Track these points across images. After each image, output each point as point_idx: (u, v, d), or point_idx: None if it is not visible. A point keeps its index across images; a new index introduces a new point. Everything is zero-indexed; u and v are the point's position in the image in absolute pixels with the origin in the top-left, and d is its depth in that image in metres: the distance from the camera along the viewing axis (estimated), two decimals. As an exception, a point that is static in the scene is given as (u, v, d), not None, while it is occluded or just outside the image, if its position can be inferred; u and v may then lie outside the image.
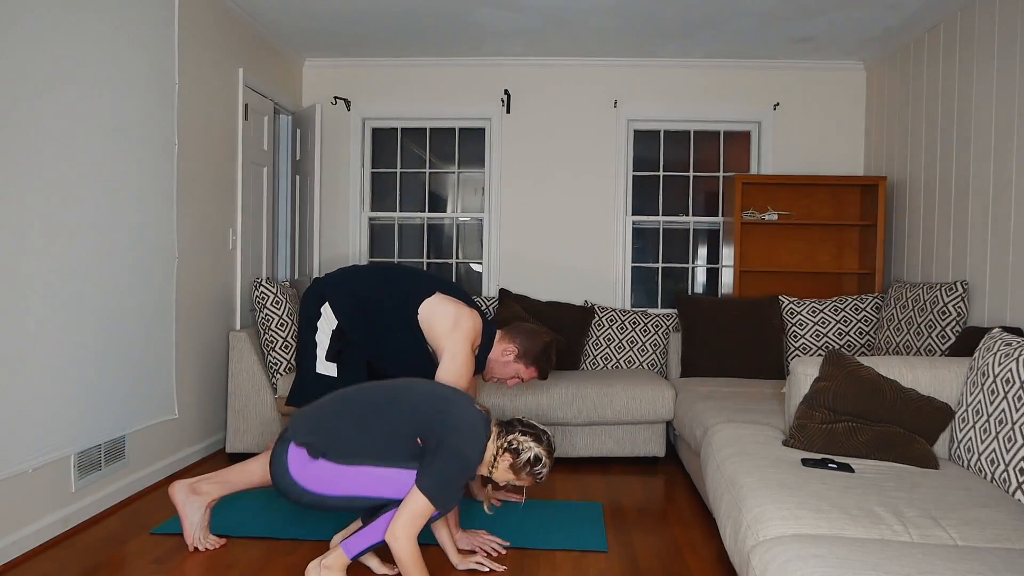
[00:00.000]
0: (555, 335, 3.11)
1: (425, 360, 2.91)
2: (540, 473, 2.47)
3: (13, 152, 2.60)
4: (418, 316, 2.87)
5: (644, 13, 4.30)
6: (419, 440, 2.38)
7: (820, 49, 4.89)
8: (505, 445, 2.45)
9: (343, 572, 2.42)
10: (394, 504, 2.39)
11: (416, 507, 2.30)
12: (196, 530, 2.76)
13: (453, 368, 2.78)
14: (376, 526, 2.40)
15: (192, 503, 2.75)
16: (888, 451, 2.51)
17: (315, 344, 2.88)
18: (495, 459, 2.45)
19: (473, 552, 2.74)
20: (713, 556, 2.79)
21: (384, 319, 2.90)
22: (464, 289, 3.16)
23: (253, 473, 2.74)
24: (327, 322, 2.88)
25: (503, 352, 2.99)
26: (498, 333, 3.03)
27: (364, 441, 2.39)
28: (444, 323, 2.83)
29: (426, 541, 2.84)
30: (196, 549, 2.75)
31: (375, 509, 2.46)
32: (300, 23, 4.55)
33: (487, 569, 2.63)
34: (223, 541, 2.81)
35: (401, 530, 2.30)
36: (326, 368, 2.88)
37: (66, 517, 2.93)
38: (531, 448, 2.45)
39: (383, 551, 2.76)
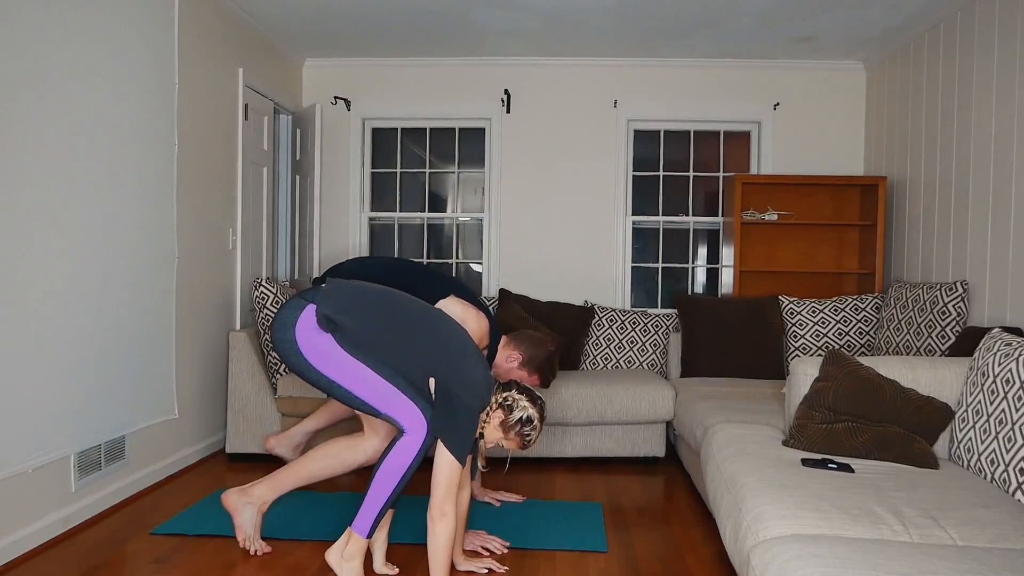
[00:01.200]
0: (560, 341, 3.11)
1: None
2: (529, 436, 2.47)
3: (13, 152, 2.60)
4: None
5: (644, 13, 4.30)
6: (431, 380, 2.42)
7: (820, 49, 4.89)
8: (500, 400, 2.46)
9: (362, 556, 2.46)
10: (381, 417, 2.45)
11: (448, 471, 2.33)
12: (248, 529, 2.74)
13: None
14: (375, 493, 2.42)
15: (244, 507, 2.74)
16: (888, 451, 2.51)
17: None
18: (488, 414, 2.46)
19: (477, 553, 2.74)
20: (713, 556, 2.79)
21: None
22: (471, 290, 3.17)
23: (303, 469, 2.72)
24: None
25: (507, 358, 3.02)
26: (503, 339, 3.04)
27: (380, 343, 2.42)
28: None
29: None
30: (250, 552, 2.72)
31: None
32: (300, 23, 4.55)
33: (485, 571, 2.62)
34: (269, 548, 2.77)
35: (447, 503, 2.33)
36: None
37: (66, 517, 2.94)
38: (525, 408, 2.46)
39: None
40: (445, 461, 2.33)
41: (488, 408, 2.45)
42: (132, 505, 3.28)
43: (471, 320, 2.87)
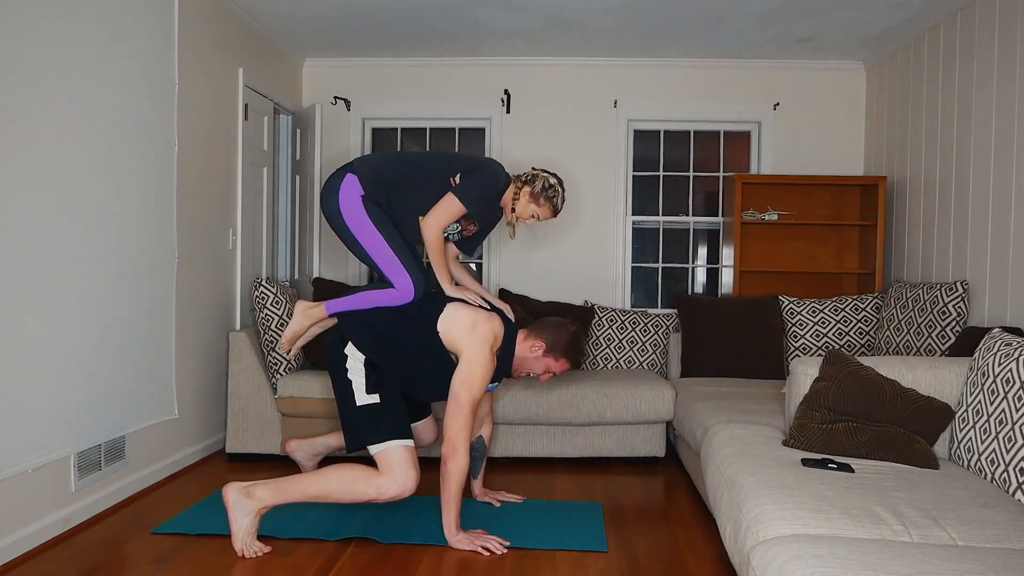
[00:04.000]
0: (577, 323, 3.13)
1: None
2: (555, 198, 3.02)
3: (13, 152, 2.60)
4: (439, 332, 2.88)
5: (644, 13, 4.30)
6: (456, 177, 2.95)
7: (820, 49, 4.89)
8: (523, 179, 3.03)
9: (315, 321, 3.07)
10: (383, 281, 2.98)
11: (449, 204, 2.91)
12: (244, 535, 2.72)
13: (468, 370, 2.80)
14: (354, 300, 2.94)
15: (242, 507, 2.73)
16: (888, 451, 2.51)
17: (349, 383, 2.84)
18: (517, 194, 3.01)
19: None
20: (713, 556, 2.79)
21: (409, 348, 2.90)
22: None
23: (311, 485, 2.75)
24: (355, 360, 2.84)
25: (531, 348, 3.01)
26: (523, 332, 3.04)
27: (410, 200, 2.97)
28: (461, 328, 2.86)
29: (430, 541, 2.85)
30: (244, 555, 2.70)
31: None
32: (300, 23, 4.55)
33: (487, 553, 2.68)
34: (268, 548, 2.75)
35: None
36: (367, 399, 2.82)
37: (66, 517, 2.93)
38: (545, 178, 3.01)
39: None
40: (452, 200, 2.90)
41: (516, 191, 3.00)
42: (132, 505, 3.28)
43: (481, 321, 2.86)
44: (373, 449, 2.77)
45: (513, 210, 3.04)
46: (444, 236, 3.05)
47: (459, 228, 3.13)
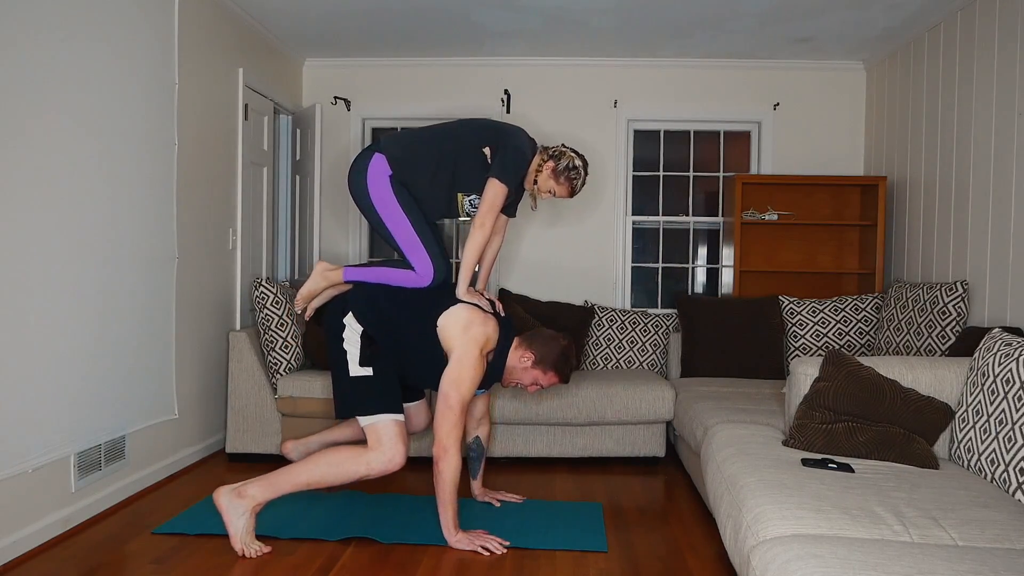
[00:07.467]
0: (570, 338, 3.12)
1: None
2: (576, 180, 2.99)
3: (13, 152, 2.60)
4: (438, 327, 2.88)
5: (644, 13, 4.30)
6: (486, 149, 2.94)
7: (820, 49, 4.89)
8: (549, 153, 2.99)
9: (332, 284, 3.03)
10: (399, 262, 2.98)
11: (493, 194, 2.89)
12: (242, 535, 2.72)
13: (456, 370, 2.79)
14: (375, 273, 2.94)
15: (236, 508, 2.73)
16: (888, 451, 2.51)
17: (344, 352, 2.85)
18: (540, 167, 2.98)
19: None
20: (713, 556, 2.79)
21: (406, 332, 2.90)
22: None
23: (301, 474, 2.75)
24: (352, 331, 2.86)
25: (520, 359, 3.00)
26: (516, 340, 3.04)
27: (448, 173, 2.97)
28: (455, 327, 2.86)
29: (430, 541, 2.85)
30: (244, 555, 2.70)
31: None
32: (300, 23, 4.55)
33: (487, 554, 2.69)
34: (268, 548, 2.75)
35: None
36: (360, 371, 2.84)
37: (66, 517, 2.93)
38: (571, 157, 2.98)
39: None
40: (495, 186, 2.88)
41: (539, 164, 2.97)
42: (132, 505, 3.28)
43: (476, 322, 2.86)
44: (363, 420, 2.79)
45: (535, 182, 3.04)
46: (469, 214, 3.12)
47: (477, 200, 3.10)
